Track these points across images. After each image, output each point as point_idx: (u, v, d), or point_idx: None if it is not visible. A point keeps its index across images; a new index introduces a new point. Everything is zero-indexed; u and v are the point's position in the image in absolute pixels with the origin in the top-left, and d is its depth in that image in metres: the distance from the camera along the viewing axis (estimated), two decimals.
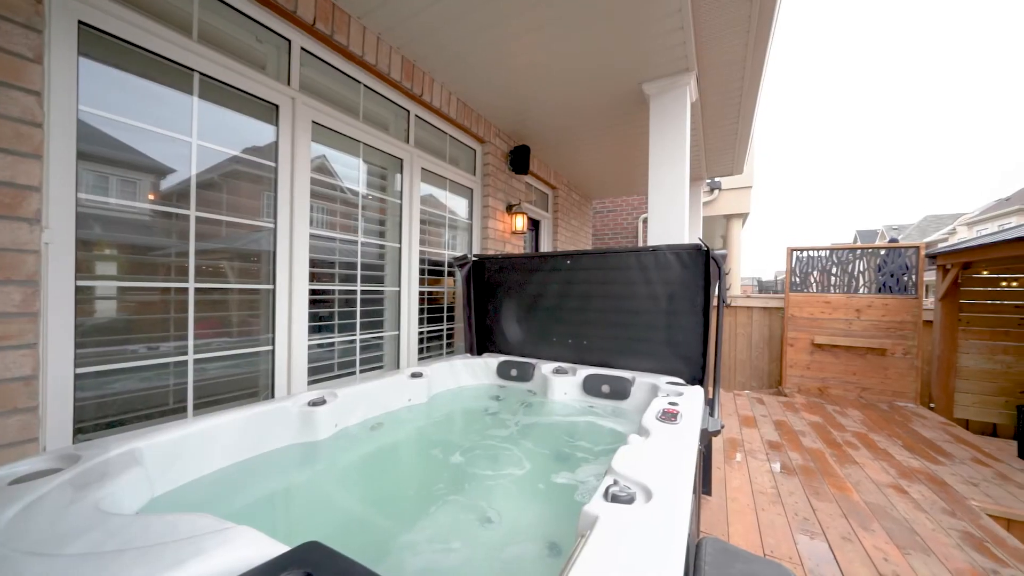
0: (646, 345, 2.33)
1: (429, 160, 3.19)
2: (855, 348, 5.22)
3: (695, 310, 2.11)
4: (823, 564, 1.95)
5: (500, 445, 2.00)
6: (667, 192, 2.73)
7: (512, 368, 2.74)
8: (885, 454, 3.35)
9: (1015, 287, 4.39)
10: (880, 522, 2.32)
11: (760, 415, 4.39)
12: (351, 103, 2.62)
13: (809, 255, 5.70)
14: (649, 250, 2.24)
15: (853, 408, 4.77)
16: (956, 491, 2.72)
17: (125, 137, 1.71)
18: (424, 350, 3.36)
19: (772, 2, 2.25)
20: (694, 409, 1.68)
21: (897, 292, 5.13)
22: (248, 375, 2.16)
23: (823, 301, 5.47)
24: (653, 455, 1.15)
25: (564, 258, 2.63)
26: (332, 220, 2.61)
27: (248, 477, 1.52)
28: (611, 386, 2.28)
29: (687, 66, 2.60)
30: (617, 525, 0.80)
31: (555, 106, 3.42)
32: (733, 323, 6.43)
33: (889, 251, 5.25)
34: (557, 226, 5.30)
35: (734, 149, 4.46)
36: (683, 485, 0.97)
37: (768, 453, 3.32)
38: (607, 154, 4.52)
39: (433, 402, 2.46)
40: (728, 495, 2.61)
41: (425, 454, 1.99)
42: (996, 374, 4.48)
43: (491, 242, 3.79)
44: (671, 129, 2.73)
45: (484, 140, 3.71)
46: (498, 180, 3.85)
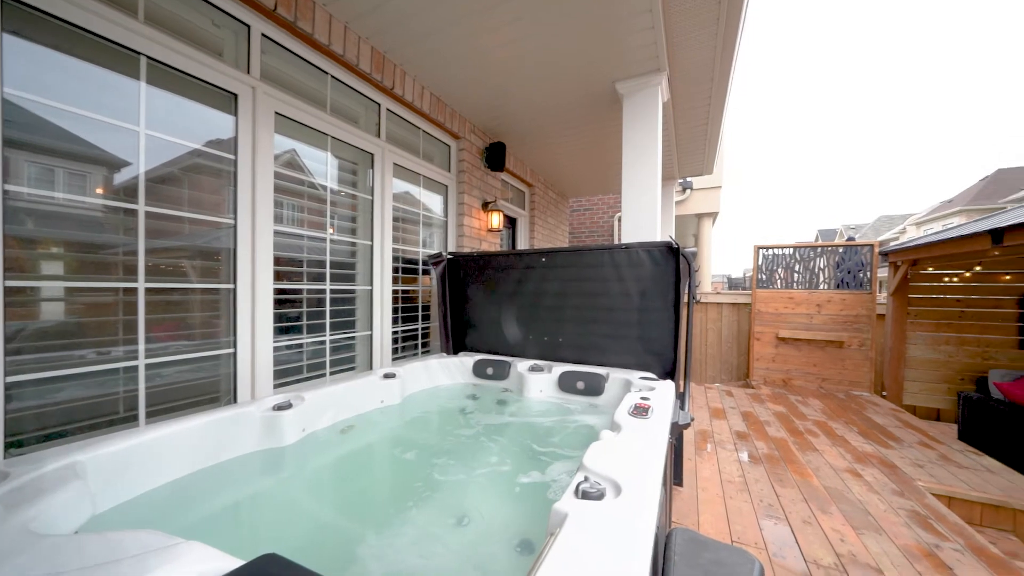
0: (620, 341, 2.36)
1: (402, 155, 3.12)
2: (816, 341, 5.50)
3: (666, 306, 2.16)
4: (786, 548, 2.03)
5: (475, 445, 1.98)
6: (640, 191, 2.78)
7: (488, 367, 2.73)
8: (842, 440, 3.55)
9: (956, 282, 4.74)
10: (837, 505, 2.45)
11: (729, 407, 4.56)
12: (318, 94, 2.52)
13: (775, 253, 5.95)
14: (622, 248, 2.27)
15: (814, 398, 5.03)
16: (904, 473, 2.90)
17: (75, 127, 1.58)
18: (399, 350, 3.30)
19: (738, 7, 2.31)
20: (665, 403, 1.71)
21: (853, 288, 5.44)
22: (208, 380, 2.05)
23: (787, 297, 5.73)
24: (624, 450, 1.16)
25: (539, 256, 2.63)
26: (300, 217, 2.51)
27: (206, 488, 1.43)
28: (586, 382, 2.30)
29: (658, 66, 2.64)
30: (586, 522, 0.80)
31: (531, 103, 3.41)
32: (704, 319, 6.64)
33: (846, 249, 5.55)
34: (534, 224, 5.30)
35: (704, 149, 4.59)
36: (652, 479, 0.99)
37: (736, 443, 3.44)
38: (583, 152, 4.55)
39: (407, 403, 2.41)
40: (699, 485, 2.69)
41: (398, 456, 1.95)
42: (939, 363, 4.82)
43: (467, 240, 3.75)
44: (643, 128, 2.77)
45: (459, 136, 3.66)
46: (473, 177, 3.81)
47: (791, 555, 1.97)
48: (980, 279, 4.65)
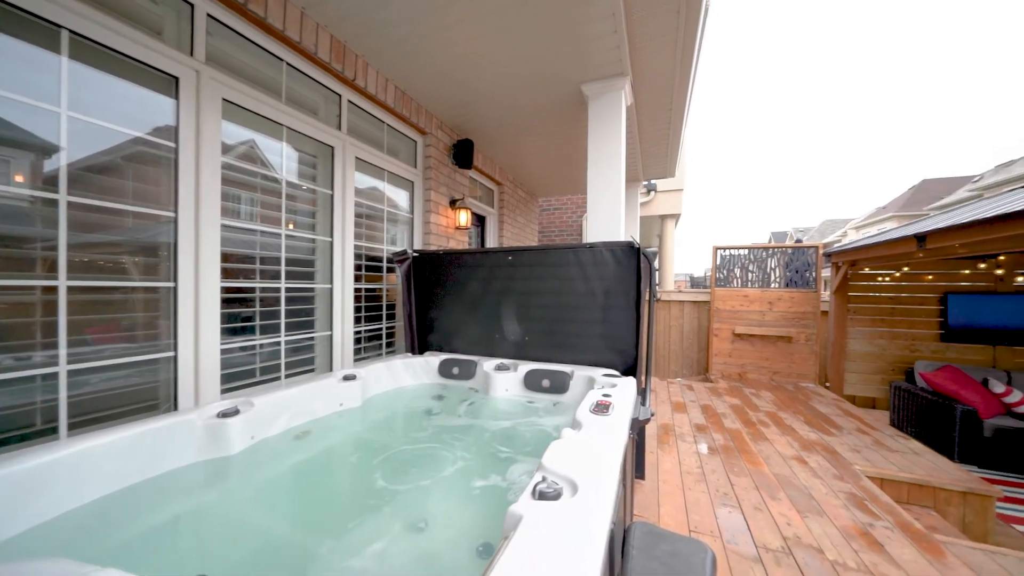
0: (584, 339, 2.39)
1: (364, 149, 3.01)
2: (768, 337, 5.84)
3: (628, 304, 2.21)
4: (738, 534, 2.14)
5: (439, 446, 1.94)
6: (604, 191, 2.83)
7: (454, 366, 2.69)
8: (790, 430, 3.78)
9: (888, 282, 5.18)
10: (785, 491, 2.61)
11: (689, 400, 4.75)
12: (272, 82, 2.38)
13: (731, 253, 6.26)
14: (586, 247, 2.30)
15: (766, 390, 5.33)
16: (844, 458, 3.13)
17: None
18: (362, 350, 3.19)
19: (696, 19, 2.40)
20: (626, 399, 1.75)
21: (801, 286, 5.83)
22: (146, 386, 1.88)
23: (742, 295, 6.05)
24: (583, 448, 1.17)
25: (506, 254, 2.62)
26: (254, 211, 2.36)
27: (138, 505, 1.31)
28: (551, 380, 2.32)
29: (622, 70, 2.70)
30: (541, 523, 0.79)
31: (499, 101, 3.39)
32: (667, 316, 6.89)
33: (795, 250, 5.93)
34: (503, 222, 5.29)
35: (667, 153, 4.75)
36: (609, 476, 1.00)
37: (695, 436, 3.59)
38: (551, 152, 4.59)
39: (368, 405, 2.33)
40: (660, 477, 2.78)
41: (357, 461, 1.88)
42: (874, 356, 5.25)
43: (434, 237, 3.68)
44: (608, 130, 2.83)
45: (425, 132, 3.58)
46: (440, 174, 3.75)
47: (743, 541, 2.07)
48: (908, 279, 5.10)
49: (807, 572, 1.85)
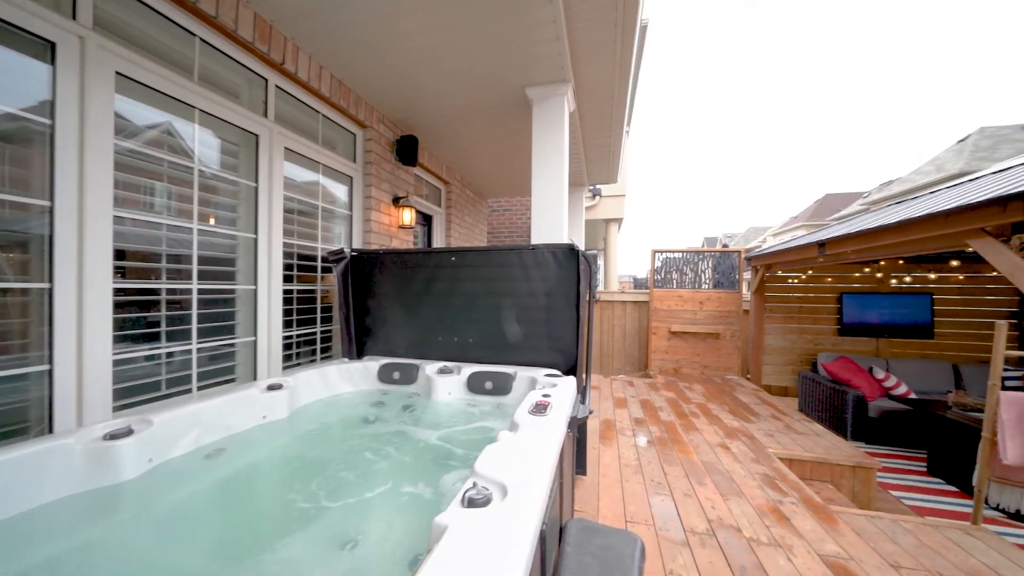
0: (527, 340, 2.41)
1: (296, 140, 2.79)
2: (699, 333, 6.32)
3: (569, 305, 2.26)
4: (669, 521, 2.27)
5: (376, 456, 1.84)
6: (548, 194, 2.88)
7: (395, 371, 2.58)
8: (717, 419, 4.11)
9: (796, 283, 5.84)
10: (711, 476, 2.82)
11: (630, 396, 5.00)
12: (182, 59, 2.12)
13: (668, 256, 6.70)
14: (529, 248, 2.32)
15: (698, 383, 5.76)
16: (760, 442, 3.46)
17: None
18: (294, 356, 2.96)
19: (632, 32, 2.53)
20: (565, 399, 1.78)
21: (727, 287, 6.38)
22: (12, 407, 1.58)
23: (677, 295, 6.50)
24: (517, 450, 1.16)
25: (449, 255, 2.56)
26: (161, 202, 2.09)
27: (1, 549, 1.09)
28: (494, 382, 2.30)
29: (564, 76, 2.77)
30: (467, 532, 0.77)
31: (446, 99, 3.32)
32: (611, 316, 7.21)
33: (722, 254, 6.49)
34: (450, 222, 5.21)
35: (609, 159, 4.97)
36: (541, 477, 1.00)
37: (634, 429, 3.78)
38: (499, 153, 4.60)
39: (298, 416, 2.16)
40: (600, 472, 2.88)
41: (281, 479, 1.73)
42: (786, 349, 5.89)
43: (375, 236, 3.51)
44: (551, 135, 2.88)
45: (366, 125, 3.41)
46: (382, 170, 3.59)
47: (673, 527, 2.21)
48: (813, 280, 5.80)
49: (727, 550, 2.00)
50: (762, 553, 1.98)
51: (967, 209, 2.35)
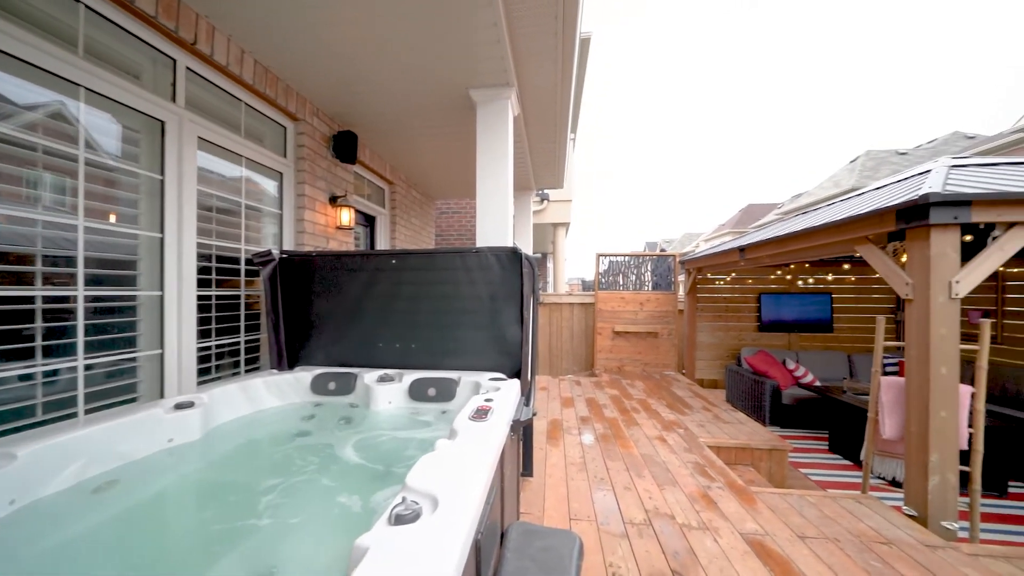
0: (472, 344, 2.38)
1: (212, 129, 2.52)
2: (640, 333, 6.68)
3: (513, 308, 2.27)
4: (611, 515, 2.35)
5: (308, 474, 1.70)
6: (493, 197, 2.88)
7: (330, 381, 2.41)
8: (655, 413, 4.36)
9: (723, 284, 6.39)
10: (649, 468, 2.97)
11: (577, 395, 5.14)
12: (63, 28, 1.82)
13: (612, 260, 7.01)
14: (473, 251, 2.30)
15: (639, 380, 6.08)
16: (693, 432, 3.72)
17: None
18: (213, 369, 2.66)
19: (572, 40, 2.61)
20: (508, 402, 1.77)
21: (664, 289, 6.82)
22: None
23: (620, 297, 6.82)
24: (453, 459, 1.13)
25: (389, 257, 2.46)
26: (37, 195, 1.77)
27: None
28: (437, 389, 2.24)
29: (507, 80, 2.79)
30: (391, 551, 0.72)
31: (389, 96, 3.19)
32: (559, 318, 7.38)
33: (659, 258, 6.93)
34: (395, 224, 5.02)
35: (555, 165, 5.10)
36: (475, 486, 0.97)
37: (580, 428, 3.88)
38: (445, 154, 4.52)
39: (214, 437, 1.93)
40: (547, 472, 2.91)
41: (192, 508, 1.54)
42: (715, 345, 6.42)
43: (309, 237, 3.28)
44: (496, 137, 2.89)
45: (298, 118, 3.18)
46: (318, 166, 3.37)
47: (614, 520, 2.28)
48: (736, 282, 6.38)
49: (662, 538, 2.11)
50: (693, 537, 2.11)
51: (854, 220, 2.72)
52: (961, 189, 2.23)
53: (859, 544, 2.06)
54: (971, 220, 2.17)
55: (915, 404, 2.34)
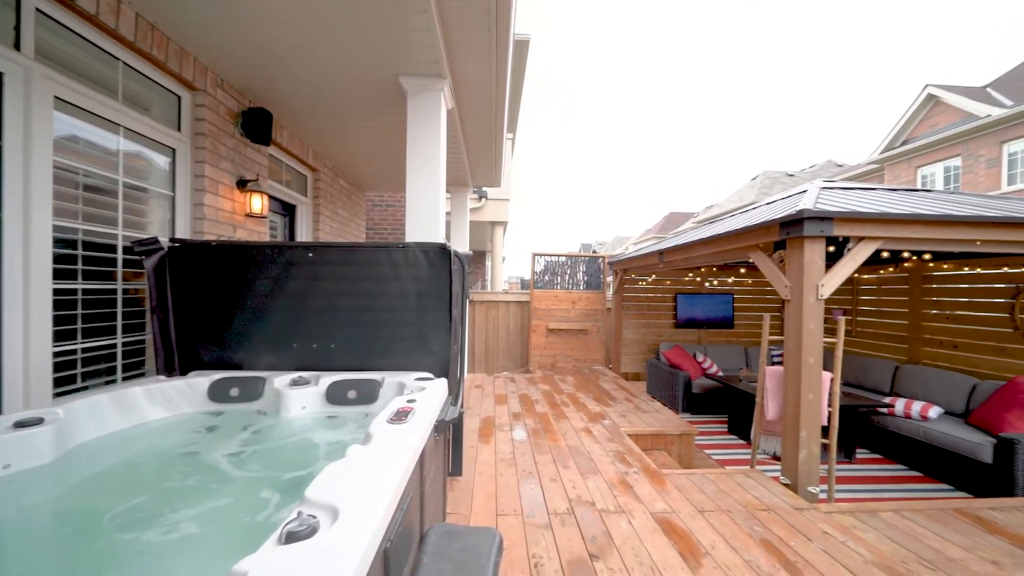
0: (398, 343, 2.28)
1: (76, 90, 2.09)
2: (572, 330, 6.97)
3: (441, 306, 2.22)
4: (536, 507, 2.41)
5: (198, 494, 1.50)
6: (424, 191, 2.79)
7: (232, 386, 2.15)
8: (583, 406, 4.58)
9: (645, 285, 6.92)
10: (574, 459, 3.11)
11: (511, 392, 5.21)
12: None
13: (547, 259, 7.22)
14: (399, 247, 2.20)
15: (570, 375, 6.34)
16: (616, 423, 3.97)
17: None
18: (79, 378, 2.23)
19: (506, 41, 2.62)
20: (432, 403, 1.72)
21: (595, 288, 7.19)
22: None
23: (554, 296, 7.05)
24: (364, 465, 1.06)
25: (306, 250, 2.26)
26: None
27: None
28: (358, 391, 2.11)
29: (440, 72, 2.71)
30: (272, 575, 0.65)
31: (311, 74, 2.91)
32: (495, 316, 7.42)
33: (590, 259, 7.29)
34: (319, 214, 4.64)
35: (492, 163, 5.10)
36: (384, 493, 0.92)
37: (512, 424, 3.94)
38: (377, 143, 4.28)
39: (71, 459, 1.61)
40: (477, 469, 2.91)
41: (33, 548, 1.27)
42: (638, 341, 6.92)
43: (211, 224, 2.89)
44: (428, 129, 2.80)
45: (196, 87, 2.77)
46: (222, 145, 2.98)
47: (539, 512, 2.35)
48: (657, 283, 6.94)
49: (583, 524, 2.22)
50: (610, 521, 2.25)
51: (748, 230, 3.10)
52: (827, 207, 2.66)
53: (746, 513, 2.35)
54: (833, 233, 2.59)
55: (790, 389, 2.74)
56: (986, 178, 10.29)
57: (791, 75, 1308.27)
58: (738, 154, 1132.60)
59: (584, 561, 1.91)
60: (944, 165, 11.41)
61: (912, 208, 2.79)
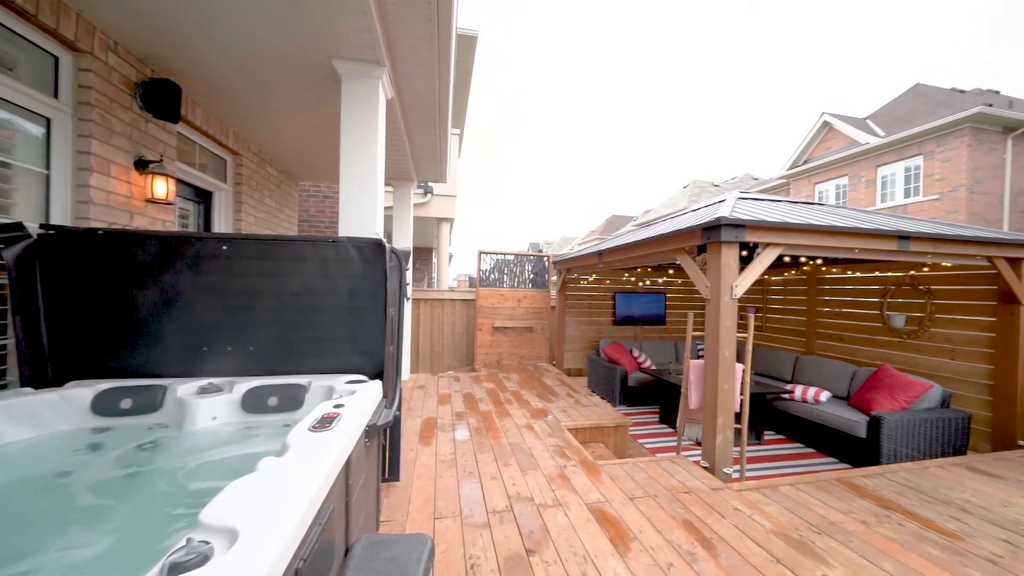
0: (328, 344, 2.13)
1: None
2: (517, 328, 7.05)
3: (376, 305, 2.11)
4: (475, 506, 2.40)
5: (74, 527, 1.28)
6: (359, 183, 2.64)
7: (123, 397, 1.87)
8: (526, 403, 4.65)
9: (587, 284, 7.20)
10: (515, 456, 3.14)
11: (455, 391, 5.14)
12: None
13: (493, 258, 7.22)
14: (328, 241, 2.05)
15: (515, 373, 6.41)
16: (557, 418, 4.08)
17: None
18: None
19: (448, 32, 2.56)
20: (362, 407, 1.63)
21: (539, 287, 7.33)
22: None
23: (500, 294, 7.07)
24: (273, 480, 0.97)
25: (218, 242, 2.02)
26: None
27: None
28: (280, 397, 1.94)
29: (378, 59, 2.58)
30: None
31: (231, 46, 2.61)
32: (440, 314, 7.28)
33: (535, 258, 7.42)
34: (242, 202, 4.21)
35: (437, 159, 4.98)
36: (294, 509, 0.85)
37: (454, 423, 3.88)
38: (310, 129, 3.97)
39: None
40: (416, 473, 2.83)
41: None
42: (580, 338, 7.19)
43: (101, 210, 2.49)
44: (364, 118, 2.65)
45: (81, 49, 2.36)
46: (115, 118, 2.57)
47: (478, 512, 2.34)
48: (598, 282, 7.26)
49: (521, 520, 2.25)
50: (547, 515, 2.30)
51: (676, 234, 3.35)
52: (740, 216, 2.95)
53: (671, 496, 2.54)
54: (745, 239, 2.88)
55: (710, 380, 3.00)
56: (866, 196, 12.13)
57: (726, 91, 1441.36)
58: (677, 162, 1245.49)
59: (520, 557, 1.94)
60: (835, 183, 13.25)
61: (807, 219, 3.19)
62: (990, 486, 2.75)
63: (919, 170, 10.84)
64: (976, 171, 9.82)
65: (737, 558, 1.95)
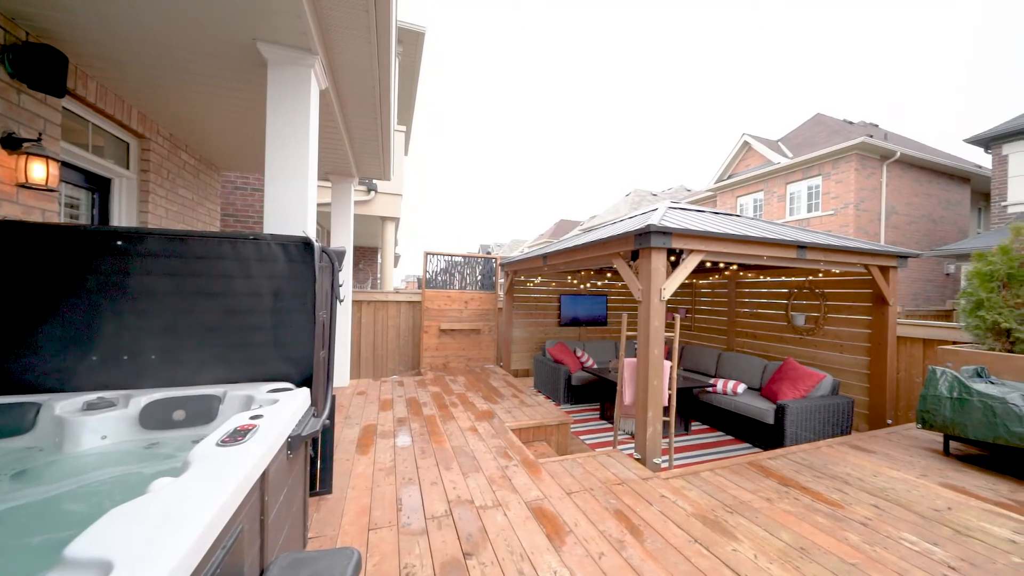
0: (248, 350, 1.96)
1: None
2: (464, 330, 7.00)
3: (304, 307, 1.98)
4: (413, 513, 2.33)
5: None
6: (287, 177, 2.46)
7: None
8: (472, 405, 4.62)
9: (533, 286, 7.35)
10: (458, 459, 3.11)
11: (398, 396, 4.97)
12: None
13: (440, 259, 7.10)
14: (249, 239, 1.89)
15: (462, 375, 6.35)
16: (501, 420, 4.10)
17: None
18: None
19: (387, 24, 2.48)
20: (285, 417, 1.52)
21: (487, 289, 7.34)
22: None
23: (447, 296, 6.97)
24: (165, 503, 0.87)
25: (113, 236, 1.78)
26: None
27: None
28: (188, 410, 1.74)
29: (309, 47, 2.42)
30: None
31: (133, 13, 2.29)
32: (385, 317, 7.01)
33: (484, 260, 7.42)
34: (148, 192, 3.72)
35: (380, 155, 4.79)
36: (187, 534, 0.77)
37: (396, 430, 3.75)
38: (236, 114, 3.62)
39: None
40: (351, 483, 2.69)
41: None
42: (527, 339, 7.31)
43: None
44: (293, 109, 2.47)
45: None
46: None
47: (416, 519, 2.28)
48: (543, 284, 7.43)
49: (460, 524, 2.23)
50: (486, 517, 2.30)
51: (612, 239, 3.54)
52: (669, 224, 3.18)
53: (605, 489, 2.67)
54: (672, 246, 3.12)
55: (641, 376, 3.20)
56: (778, 209, 13.70)
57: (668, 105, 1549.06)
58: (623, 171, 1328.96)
59: (458, 561, 1.92)
60: (753, 197, 14.81)
61: (725, 229, 3.53)
62: (865, 460, 3.23)
63: (819, 188, 12.47)
64: (861, 191, 11.52)
65: (661, 541, 2.10)
